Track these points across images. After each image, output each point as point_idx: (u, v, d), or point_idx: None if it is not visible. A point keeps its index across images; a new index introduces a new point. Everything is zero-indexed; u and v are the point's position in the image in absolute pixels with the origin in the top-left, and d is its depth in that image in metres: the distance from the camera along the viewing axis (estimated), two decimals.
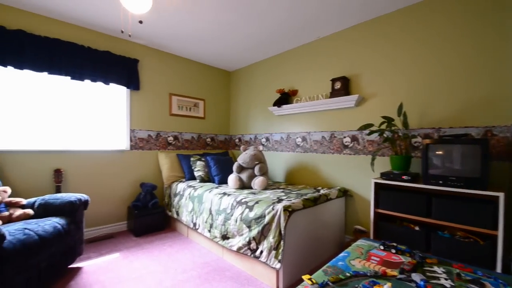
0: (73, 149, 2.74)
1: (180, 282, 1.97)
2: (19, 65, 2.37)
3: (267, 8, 2.39)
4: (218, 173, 3.08)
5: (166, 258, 2.38)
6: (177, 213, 3.03)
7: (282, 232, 1.82)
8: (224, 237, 2.28)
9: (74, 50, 2.68)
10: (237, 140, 4.31)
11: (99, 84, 2.93)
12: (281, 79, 3.51)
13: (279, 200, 2.09)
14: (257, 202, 2.12)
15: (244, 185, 2.80)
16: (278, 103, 3.31)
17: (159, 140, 3.50)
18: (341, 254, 1.50)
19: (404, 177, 1.97)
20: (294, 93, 3.29)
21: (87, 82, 2.82)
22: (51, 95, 2.64)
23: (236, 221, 2.16)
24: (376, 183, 2.14)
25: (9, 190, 2.03)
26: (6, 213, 1.88)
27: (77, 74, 2.70)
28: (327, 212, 2.37)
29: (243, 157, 2.87)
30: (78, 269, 2.16)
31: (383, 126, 2.22)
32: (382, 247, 1.56)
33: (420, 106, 2.24)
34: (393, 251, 1.51)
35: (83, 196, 2.19)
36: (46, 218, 1.94)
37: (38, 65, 2.45)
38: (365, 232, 2.47)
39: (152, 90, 3.42)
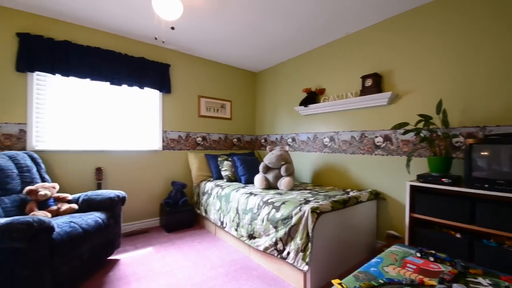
0: (112, 149, 2.96)
1: (209, 279, 2.02)
2: (66, 73, 2.60)
3: (293, 6, 2.36)
4: (245, 173, 3.12)
5: (195, 254, 2.46)
6: (205, 211, 3.11)
7: (310, 234, 1.79)
8: (251, 236, 2.30)
9: (112, 58, 2.88)
10: (263, 141, 4.32)
11: (135, 88, 3.12)
12: (308, 78, 3.45)
13: (306, 202, 2.05)
14: (283, 203, 2.10)
15: (270, 186, 2.80)
16: (305, 102, 3.26)
17: (188, 140, 3.63)
18: (374, 260, 1.43)
19: (444, 179, 1.82)
20: (321, 92, 3.22)
21: (124, 86, 3.02)
22: (93, 100, 2.87)
23: (263, 221, 2.17)
24: (412, 186, 2.01)
25: (57, 186, 2.24)
26: (55, 207, 2.09)
27: (116, 79, 2.91)
28: (357, 215, 2.28)
29: (269, 158, 2.87)
30: (116, 261, 2.32)
31: (420, 125, 2.07)
32: (419, 254, 1.47)
33: (462, 103, 2.06)
34: (431, 259, 1.41)
35: (121, 193, 2.35)
36: (88, 213, 2.11)
37: (81, 72, 2.68)
38: (399, 237, 2.34)
39: (182, 93, 3.56)
